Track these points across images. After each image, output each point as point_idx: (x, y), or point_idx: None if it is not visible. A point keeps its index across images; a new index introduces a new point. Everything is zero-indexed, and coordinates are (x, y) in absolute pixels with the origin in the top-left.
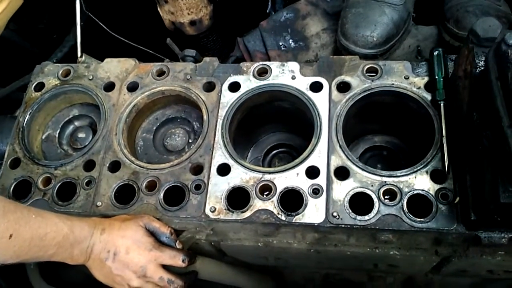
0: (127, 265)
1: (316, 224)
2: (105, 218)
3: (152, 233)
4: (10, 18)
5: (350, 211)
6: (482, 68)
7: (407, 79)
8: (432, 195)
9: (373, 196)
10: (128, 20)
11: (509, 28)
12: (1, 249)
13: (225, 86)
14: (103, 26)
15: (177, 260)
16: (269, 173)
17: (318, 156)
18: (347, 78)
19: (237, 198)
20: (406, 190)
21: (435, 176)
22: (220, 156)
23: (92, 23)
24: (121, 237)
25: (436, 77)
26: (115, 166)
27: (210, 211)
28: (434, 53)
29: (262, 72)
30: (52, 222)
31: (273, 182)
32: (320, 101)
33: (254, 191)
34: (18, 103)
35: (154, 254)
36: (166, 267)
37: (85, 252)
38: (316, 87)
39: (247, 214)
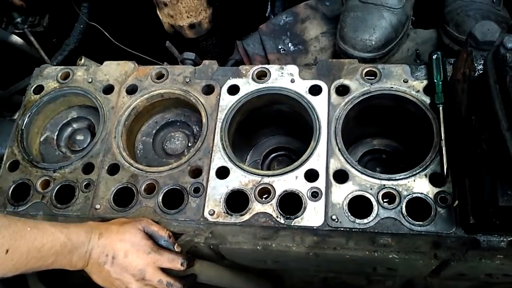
0: (125, 269)
1: (315, 227)
2: (102, 222)
3: (150, 236)
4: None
5: (349, 214)
6: (481, 72)
7: (406, 82)
8: (431, 198)
9: (372, 199)
10: (128, 23)
11: (508, 33)
12: None
13: (224, 89)
14: (106, 34)
15: (176, 263)
16: (268, 176)
17: (317, 159)
18: (346, 82)
19: (236, 201)
20: (405, 193)
21: (434, 180)
22: (219, 159)
23: (93, 27)
24: (119, 240)
25: (435, 81)
26: (114, 169)
27: (209, 214)
28: (433, 57)
29: (261, 75)
30: (48, 232)
31: (272, 185)
32: (319, 104)
33: (253, 194)
34: (17, 106)
35: (152, 257)
36: (165, 270)
37: (83, 257)
38: (315, 90)
39: (246, 217)
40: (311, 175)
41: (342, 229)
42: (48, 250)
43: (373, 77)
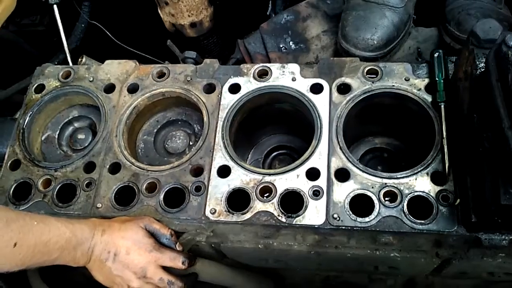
0: (127, 266)
1: (316, 226)
2: (104, 219)
3: (152, 235)
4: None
5: (351, 212)
6: (483, 70)
7: (407, 80)
8: (432, 197)
9: (374, 198)
10: (129, 22)
11: (510, 31)
12: (6, 258)
13: (226, 87)
14: (107, 33)
15: (177, 262)
16: (270, 174)
17: (318, 158)
18: (348, 80)
19: (238, 200)
20: (407, 192)
21: (435, 178)
22: (221, 157)
23: (94, 26)
24: (122, 237)
25: (437, 79)
26: (115, 168)
27: (210, 213)
28: (435, 55)
29: (263, 74)
30: (54, 227)
31: (273, 184)
32: (321, 102)
33: (254, 193)
34: (19, 105)
35: (154, 255)
36: (166, 269)
37: (86, 253)
38: (316, 88)
39: (247, 216)
40: (313, 174)
41: (343, 227)
42: (54, 244)
43: (375, 76)
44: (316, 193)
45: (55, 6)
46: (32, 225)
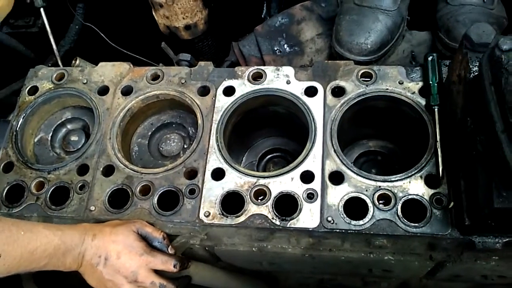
0: (118, 270)
1: (310, 229)
2: (96, 224)
3: (144, 238)
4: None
5: (345, 216)
6: (476, 73)
7: (401, 84)
8: (426, 200)
9: (368, 201)
10: (123, 24)
11: (501, 32)
12: None
13: (220, 90)
14: (102, 35)
15: (169, 265)
16: (264, 177)
17: (312, 161)
18: (342, 83)
19: (232, 202)
20: (401, 195)
21: (429, 181)
22: (215, 160)
23: (88, 28)
24: (112, 242)
25: (430, 82)
26: (108, 170)
27: (204, 215)
28: (428, 59)
29: (257, 77)
30: (42, 235)
31: (267, 187)
32: (315, 105)
33: (248, 196)
34: (12, 107)
35: (145, 259)
36: (158, 272)
37: (76, 259)
38: (311, 91)
39: (242, 218)
40: (307, 177)
41: (337, 230)
42: (41, 253)
43: (369, 79)
44: (310, 196)
45: (42, 10)
46: (18, 235)
